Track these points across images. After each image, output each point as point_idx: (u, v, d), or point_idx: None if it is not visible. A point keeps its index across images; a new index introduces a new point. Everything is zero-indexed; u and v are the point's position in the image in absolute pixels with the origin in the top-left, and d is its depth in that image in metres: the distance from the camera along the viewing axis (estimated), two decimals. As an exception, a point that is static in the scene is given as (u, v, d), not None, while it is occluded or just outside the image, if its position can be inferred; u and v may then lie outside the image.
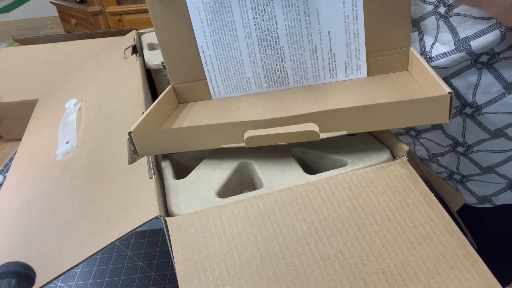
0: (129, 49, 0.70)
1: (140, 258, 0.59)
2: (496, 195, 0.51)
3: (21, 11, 4.08)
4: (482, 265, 0.30)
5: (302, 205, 0.35)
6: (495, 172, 0.49)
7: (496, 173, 0.49)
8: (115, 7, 1.62)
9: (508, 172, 0.48)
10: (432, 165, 0.55)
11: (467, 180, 0.53)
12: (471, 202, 0.54)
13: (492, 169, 0.49)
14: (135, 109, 0.50)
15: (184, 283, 0.30)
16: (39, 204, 0.43)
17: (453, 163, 0.52)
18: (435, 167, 0.55)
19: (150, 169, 0.38)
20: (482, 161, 0.49)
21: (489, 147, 0.47)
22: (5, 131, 0.89)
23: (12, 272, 0.31)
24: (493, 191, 0.51)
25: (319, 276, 0.30)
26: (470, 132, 0.47)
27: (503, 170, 0.48)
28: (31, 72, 0.87)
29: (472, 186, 0.52)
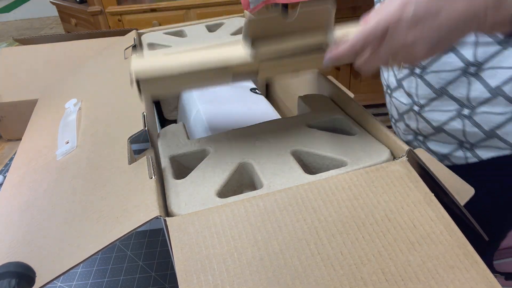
0: (129, 49, 0.70)
1: (140, 258, 0.59)
2: (451, 153, 0.55)
3: (21, 11, 4.08)
4: (482, 265, 0.30)
5: (302, 205, 0.35)
6: (444, 132, 0.53)
7: (445, 132, 0.53)
8: (115, 7, 1.61)
9: (455, 131, 0.52)
10: (400, 126, 0.62)
11: (427, 140, 0.58)
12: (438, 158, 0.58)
13: (441, 128, 0.53)
14: (135, 109, 0.50)
15: (184, 283, 0.30)
16: (39, 204, 0.43)
17: (413, 122, 0.57)
18: (404, 128, 0.61)
19: (150, 169, 0.38)
20: (433, 121, 0.54)
21: (437, 107, 0.52)
22: (5, 131, 0.89)
23: (12, 272, 0.31)
24: (448, 151, 0.55)
25: (319, 276, 0.30)
26: (421, 92, 0.53)
27: (450, 130, 0.52)
28: (31, 72, 0.87)
29: (432, 146, 0.57)
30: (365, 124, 0.46)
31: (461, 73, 0.48)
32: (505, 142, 0.50)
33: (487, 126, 0.50)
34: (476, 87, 0.48)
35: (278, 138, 0.45)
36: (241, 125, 0.50)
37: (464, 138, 0.53)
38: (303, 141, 0.44)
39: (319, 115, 0.49)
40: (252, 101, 0.65)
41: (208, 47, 0.39)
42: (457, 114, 0.51)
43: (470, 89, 0.49)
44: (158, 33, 0.83)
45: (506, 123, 0.48)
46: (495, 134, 0.50)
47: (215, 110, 0.62)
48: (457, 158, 0.55)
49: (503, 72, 0.46)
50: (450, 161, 0.57)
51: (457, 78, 0.49)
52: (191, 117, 0.66)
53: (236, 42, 0.39)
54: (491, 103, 0.48)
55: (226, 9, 1.62)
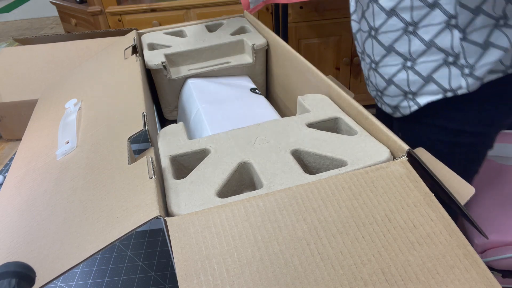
0: (129, 49, 0.70)
1: (140, 258, 0.59)
2: (399, 104, 0.69)
3: (21, 11, 4.08)
4: (482, 265, 0.30)
5: (302, 205, 0.35)
6: (393, 83, 0.66)
7: (394, 84, 0.66)
8: (115, 7, 1.61)
9: (401, 81, 0.65)
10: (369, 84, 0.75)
11: (383, 95, 0.71)
12: (389, 111, 0.73)
13: (391, 80, 0.66)
14: (135, 109, 0.50)
15: (184, 283, 0.30)
16: (39, 204, 0.43)
17: (373, 79, 0.71)
18: (370, 86, 0.74)
19: (150, 169, 0.38)
20: (385, 74, 0.67)
21: (387, 62, 0.65)
22: (5, 131, 0.89)
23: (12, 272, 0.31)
24: (396, 102, 0.69)
25: (319, 276, 0.30)
26: (375, 51, 0.66)
27: (397, 81, 0.65)
28: (31, 72, 0.87)
29: (386, 99, 0.71)
30: (365, 124, 0.46)
31: (403, 32, 0.61)
32: (439, 85, 0.62)
33: (425, 73, 0.62)
34: (415, 42, 0.60)
35: (278, 138, 0.45)
36: (241, 125, 0.50)
37: (408, 88, 0.65)
38: (303, 141, 0.44)
39: (319, 115, 0.49)
40: (252, 101, 0.65)
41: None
42: (402, 66, 0.64)
43: (411, 44, 0.61)
44: (158, 33, 0.83)
45: (439, 67, 0.61)
46: (431, 78, 0.62)
47: (215, 110, 0.62)
48: (403, 108, 0.68)
49: (433, 28, 0.58)
50: (400, 112, 0.70)
51: (400, 36, 0.61)
52: (191, 117, 0.66)
53: None
54: (427, 54, 0.60)
55: (226, 9, 1.62)
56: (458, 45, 0.58)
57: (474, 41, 0.57)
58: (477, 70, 0.59)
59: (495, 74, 0.61)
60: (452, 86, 0.62)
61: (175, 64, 0.75)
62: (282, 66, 0.71)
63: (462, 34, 0.57)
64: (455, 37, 0.57)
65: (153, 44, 0.78)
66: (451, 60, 0.60)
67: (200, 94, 0.68)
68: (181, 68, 0.75)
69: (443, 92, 0.63)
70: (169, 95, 0.76)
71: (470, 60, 0.59)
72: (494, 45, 0.57)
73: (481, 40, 0.57)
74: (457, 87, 0.61)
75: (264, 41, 0.74)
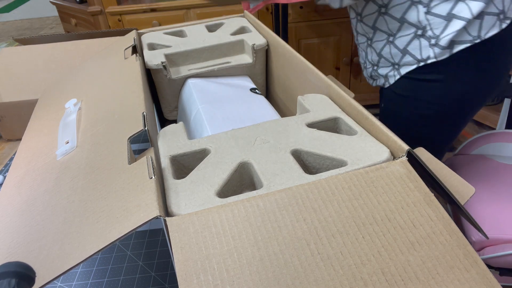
0: (129, 49, 0.70)
1: (140, 258, 0.59)
2: (388, 73, 0.78)
3: (21, 11, 4.08)
4: (482, 265, 0.30)
5: (302, 205, 0.35)
6: (382, 57, 0.77)
7: (383, 57, 0.77)
8: (115, 7, 1.61)
9: (387, 54, 0.76)
10: (366, 64, 0.84)
11: (378, 67, 0.80)
12: (381, 83, 0.82)
13: (381, 54, 0.77)
14: (135, 109, 0.50)
15: (184, 283, 0.30)
16: (39, 204, 0.43)
17: (369, 55, 0.81)
18: (368, 63, 0.84)
19: (150, 169, 0.38)
20: (376, 49, 0.78)
21: (376, 39, 0.77)
22: (5, 131, 0.89)
23: (12, 272, 0.31)
24: (386, 72, 0.78)
25: (319, 276, 0.30)
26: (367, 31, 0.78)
27: (384, 54, 0.76)
28: (31, 72, 0.87)
29: (380, 70, 0.80)
30: (365, 124, 0.46)
31: (378, 14, 0.72)
32: (413, 56, 0.71)
33: (402, 46, 0.72)
34: (390, 20, 0.71)
35: (278, 138, 0.45)
36: (241, 125, 0.50)
37: (392, 59, 0.75)
38: (303, 141, 0.44)
39: (319, 115, 0.49)
40: (252, 101, 0.65)
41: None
42: (387, 41, 0.75)
43: (387, 23, 0.72)
44: (158, 33, 0.83)
45: (412, 40, 0.70)
46: (407, 51, 0.72)
47: (215, 110, 0.62)
48: (390, 77, 0.78)
49: (401, 6, 0.68)
50: (388, 81, 0.79)
51: (378, 17, 0.73)
52: (191, 117, 0.66)
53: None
54: (402, 29, 0.70)
55: (226, 9, 1.62)
56: (424, 18, 0.66)
57: (437, 14, 0.65)
58: (441, 40, 0.66)
59: (463, 44, 0.66)
60: (423, 56, 0.70)
61: (175, 64, 0.75)
62: (282, 66, 0.71)
63: (426, 9, 0.65)
64: (420, 11, 0.66)
65: (153, 44, 0.78)
66: (420, 33, 0.68)
67: (200, 94, 0.68)
68: (181, 68, 0.75)
69: (417, 62, 0.71)
70: (169, 95, 0.76)
71: (436, 32, 0.66)
72: (456, 17, 0.64)
73: (444, 12, 0.65)
74: (426, 57, 0.70)
75: (264, 41, 0.74)
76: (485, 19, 0.65)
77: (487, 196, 0.91)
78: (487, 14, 0.65)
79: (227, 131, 0.47)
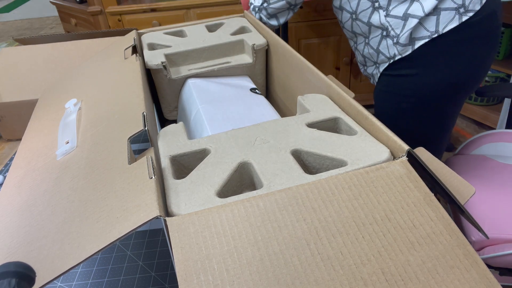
0: (129, 49, 0.70)
1: (140, 258, 0.59)
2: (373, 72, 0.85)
3: (21, 11, 4.08)
4: (482, 265, 0.30)
5: (302, 205, 0.35)
6: (365, 57, 0.84)
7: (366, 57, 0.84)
8: (115, 7, 1.61)
9: (368, 54, 0.82)
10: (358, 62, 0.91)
11: (366, 67, 0.87)
12: (372, 82, 0.88)
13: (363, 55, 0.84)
14: (135, 109, 0.50)
15: (184, 283, 0.30)
16: (39, 204, 0.43)
17: (358, 57, 0.89)
18: (358, 63, 0.91)
19: (150, 169, 0.38)
20: (360, 50, 0.85)
21: (358, 41, 0.83)
22: (5, 131, 0.89)
23: (12, 272, 0.31)
24: (371, 70, 0.86)
25: (319, 276, 0.30)
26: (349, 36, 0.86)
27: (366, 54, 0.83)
28: (31, 72, 0.87)
29: (368, 69, 0.87)
30: (365, 124, 0.46)
31: (351, 20, 0.80)
32: (384, 55, 0.78)
33: (375, 46, 0.79)
34: (361, 25, 0.78)
35: (278, 138, 0.45)
36: (241, 125, 0.50)
37: (373, 59, 0.82)
38: (303, 141, 0.44)
39: (319, 115, 0.49)
40: (252, 101, 0.65)
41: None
42: (365, 43, 0.82)
43: (360, 26, 0.79)
44: (158, 33, 0.83)
45: (381, 40, 0.77)
46: (379, 50, 0.79)
47: (215, 110, 0.62)
48: (375, 75, 0.85)
49: (366, 12, 0.75)
50: (374, 79, 0.86)
51: (352, 23, 0.80)
52: (191, 117, 0.66)
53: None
54: (372, 32, 0.78)
55: (226, 9, 1.62)
56: (384, 21, 0.74)
57: (395, 15, 0.73)
58: (401, 38, 0.73)
59: (422, 39, 0.73)
60: (391, 54, 0.77)
61: (175, 64, 0.75)
62: (282, 66, 0.71)
63: (385, 12, 0.73)
64: (381, 15, 0.74)
65: (153, 44, 0.78)
66: (385, 34, 0.76)
67: (200, 94, 0.68)
68: (181, 68, 0.75)
69: (388, 60, 0.79)
70: (169, 95, 0.76)
71: (397, 31, 0.73)
72: (411, 15, 0.71)
73: (401, 13, 0.72)
74: (393, 54, 0.77)
75: (264, 41, 0.74)
76: (442, 14, 0.70)
77: (487, 196, 0.91)
78: (443, 10, 0.70)
79: (227, 131, 0.47)
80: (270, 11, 0.83)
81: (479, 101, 1.82)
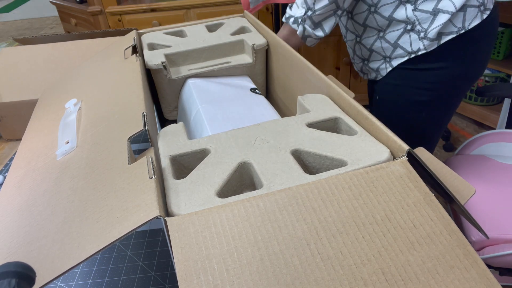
0: (129, 49, 0.70)
1: (140, 258, 0.59)
2: (379, 67, 0.85)
3: (21, 11, 4.08)
4: (482, 265, 0.30)
5: (302, 205, 0.35)
6: (374, 51, 0.83)
7: (375, 51, 0.83)
8: (115, 7, 1.61)
9: (378, 49, 0.82)
10: (355, 58, 0.91)
11: (368, 62, 0.87)
12: (373, 76, 0.89)
13: (372, 49, 0.83)
14: (135, 109, 0.50)
15: (184, 283, 0.30)
16: (39, 204, 0.43)
17: (358, 51, 0.88)
18: (357, 58, 0.90)
19: (150, 169, 0.38)
20: (367, 44, 0.84)
21: (366, 34, 0.82)
22: (5, 131, 0.89)
23: (12, 272, 0.31)
24: (378, 65, 0.85)
25: (319, 276, 0.30)
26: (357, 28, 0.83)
27: (376, 48, 0.82)
28: (31, 72, 0.87)
29: (370, 64, 0.87)
30: (365, 124, 0.46)
31: (368, 13, 0.78)
32: (404, 49, 0.78)
33: (392, 40, 0.79)
34: (379, 19, 0.77)
35: (278, 138, 0.45)
36: (241, 125, 0.50)
37: (384, 53, 0.82)
38: (303, 141, 0.44)
39: (319, 115, 0.49)
40: (252, 101, 0.65)
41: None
42: (377, 36, 0.80)
43: (377, 20, 0.77)
44: (158, 33, 0.83)
45: (402, 35, 0.77)
46: (398, 44, 0.78)
47: (215, 110, 0.62)
48: (382, 69, 0.85)
49: (389, 6, 0.74)
50: (380, 74, 0.86)
51: (368, 15, 0.78)
52: (191, 117, 0.66)
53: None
54: (391, 26, 0.77)
55: (226, 9, 1.62)
56: (412, 15, 0.73)
57: (424, 10, 0.73)
58: (429, 33, 0.74)
59: (449, 35, 0.74)
60: (413, 49, 0.77)
61: (175, 64, 0.75)
62: (282, 66, 0.71)
63: (413, 6, 0.73)
64: (408, 9, 0.73)
65: (153, 44, 0.78)
66: (409, 28, 0.75)
67: (200, 94, 0.68)
68: (181, 68, 0.75)
69: (408, 54, 0.78)
70: (169, 95, 0.76)
71: (424, 26, 0.74)
72: (442, 11, 0.72)
73: (430, 8, 0.72)
74: (417, 49, 0.77)
75: (264, 41, 0.74)
76: (468, 11, 0.73)
77: (487, 196, 0.91)
78: (469, 7, 0.73)
79: (227, 131, 0.47)
80: (316, 18, 0.76)
81: (479, 101, 1.82)
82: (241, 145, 0.44)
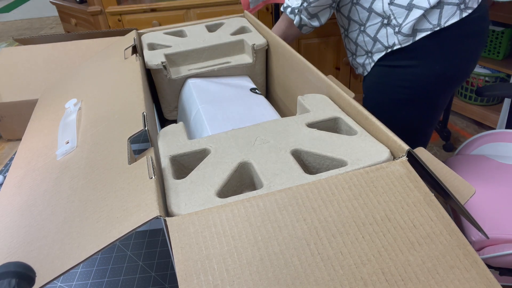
0: (129, 49, 0.70)
1: (140, 258, 0.59)
2: (364, 62, 0.86)
3: (21, 11, 4.08)
4: (482, 265, 0.30)
5: (302, 205, 0.35)
6: (358, 45, 0.84)
7: (359, 45, 0.84)
8: (115, 7, 1.61)
9: (362, 42, 0.82)
10: (347, 52, 0.92)
11: (356, 56, 0.88)
12: (361, 71, 0.89)
13: (356, 43, 0.84)
14: (135, 109, 0.50)
15: (184, 283, 0.30)
16: (39, 204, 0.43)
17: (347, 44, 0.89)
18: (347, 52, 0.92)
19: (150, 169, 0.38)
20: (352, 38, 0.84)
21: (351, 28, 0.84)
22: (5, 131, 0.89)
23: (12, 272, 0.31)
24: (363, 60, 0.86)
25: (319, 276, 0.30)
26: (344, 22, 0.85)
27: (359, 42, 0.83)
28: (31, 72, 0.87)
29: (357, 59, 0.87)
30: (365, 124, 0.46)
31: (351, 4, 0.79)
32: (381, 44, 0.79)
33: (372, 34, 0.79)
34: (361, 10, 0.78)
35: (278, 138, 0.45)
36: (241, 125, 0.50)
37: (366, 47, 0.82)
38: (303, 141, 0.44)
39: (319, 115, 0.49)
40: (252, 101, 0.65)
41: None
42: (359, 30, 0.81)
43: (358, 11, 0.78)
44: (158, 33, 0.83)
45: (380, 29, 0.77)
46: (377, 38, 0.79)
47: (215, 110, 0.62)
48: (367, 65, 0.85)
49: None
50: (366, 69, 0.87)
51: (351, 7, 0.79)
52: (191, 117, 0.66)
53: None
54: (370, 19, 0.77)
55: (226, 9, 1.62)
56: (387, 9, 0.74)
57: (399, 4, 0.73)
58: (403, 28, 0.74)
59: (424, 32, 0.74)
60: (389, 43, 0.77)
61: (175, 64, 0.75)
62: (282, 66, 0.71)
63: (389, 0, 0.73)
64: (385, 2, 0.74)
65: (153, 44, 0.78)
66: (385, 22, 0.76)
67: (200, 94, 0.68)
68: (181, 68, 0.75)
69: (385, 49, 0.79)
70: (169, 95, 0.76)
71: (399, 20, 0.74)
72: (416, 6, 0.72)
73: (405, 3, 0.72)
74: (392, 44, 0.77)
75: (264, 41, 0.74)
76: (445, 8, 0.72)
77: (487, 196, 0.91)
78: (446, 4, 0.72)
79: (227, 131, 0.47)
80: (311, 10, 0.80)
81: (479, 101, 1.82)
82: (241, 145, 0.44)
